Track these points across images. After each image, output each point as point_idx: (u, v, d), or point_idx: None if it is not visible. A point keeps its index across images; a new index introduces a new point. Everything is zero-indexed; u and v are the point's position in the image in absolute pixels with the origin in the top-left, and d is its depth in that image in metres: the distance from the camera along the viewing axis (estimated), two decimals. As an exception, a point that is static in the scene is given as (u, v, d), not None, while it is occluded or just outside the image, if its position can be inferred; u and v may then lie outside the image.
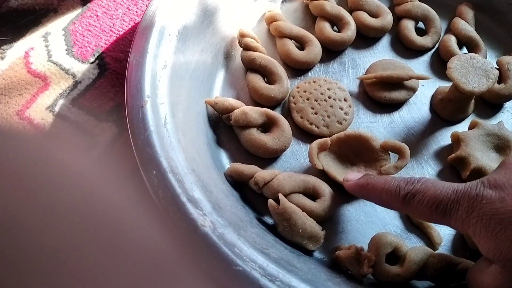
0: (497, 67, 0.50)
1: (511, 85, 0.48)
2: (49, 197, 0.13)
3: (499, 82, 0.49)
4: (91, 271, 0.12)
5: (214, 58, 0.48)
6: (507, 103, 0.49)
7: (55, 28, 0.53)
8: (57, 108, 0.49)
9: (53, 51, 0.53)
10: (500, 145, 0.45)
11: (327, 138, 0.43)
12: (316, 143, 0.42)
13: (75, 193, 0.14)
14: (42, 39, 0.53)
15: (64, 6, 0.55)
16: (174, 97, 0.41)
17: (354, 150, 0.44)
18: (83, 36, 0.54)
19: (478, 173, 0.43)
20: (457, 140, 0.45)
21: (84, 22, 0.54)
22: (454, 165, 0.45)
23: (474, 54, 0.46)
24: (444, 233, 0.42)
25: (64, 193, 0.13)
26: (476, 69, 0.44)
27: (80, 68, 0.51)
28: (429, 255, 0.38)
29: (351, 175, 0.40)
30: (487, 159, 0.44)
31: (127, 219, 0.15)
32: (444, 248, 0.42)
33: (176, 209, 0.34)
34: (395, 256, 0.39)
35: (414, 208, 0.34)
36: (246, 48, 0.48)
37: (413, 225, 0.42)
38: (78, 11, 0.55)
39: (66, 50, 0.53)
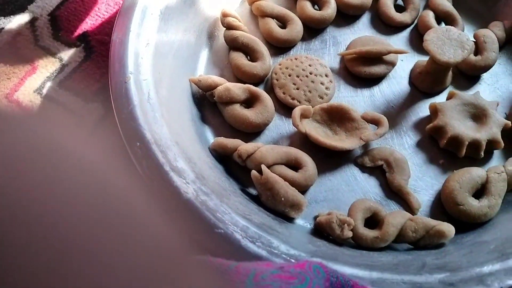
0: (474, 40, 0.51)
1: (487, 57, 0.49)
2: (41, 174, 0.13)
3: (475, 54, 0.50)
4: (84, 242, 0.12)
5: (198, 38, 0.49)
6: (484, 74, 0.51)
7: (42, 13, 0.54)
8: (44, 91, 0.50)
9: (40, 36, 0.54)
10: (476, 114, 0.46)
11: (310, 106, 0.45)
12: (299, 107, 0.44)
13: (67, 171, 0.14)
14: (29, 25, 0.54)
15: (50, -8, 0.56)
16: (157, 75, 0.42)
17: (336, 120, 0.45)
18: (69, 21, 0.54)
19: (455, 141, 0.45)
20: (434, 111, 0.46)
21: (69, 7, 0.55)
22: (432, 135, 0.46)
23: (450, 26, 0.47)
24: (422, 199, 0.43)
25: (55, 171, 0.14)
26: (451, 41, 0.45)
27: (66, 51, 0.52)
28: (407, 219, 0.39)
29: None
30: (464, 128, 0.45)
31: (117, 195, 0.15)
32: (422, 213, 0.43)
33: (159, 178, 0.35)
34: (375, 221, 0.41)
35: None
36: (229, 27, 0.49)
37: (392, 192, 0.43)
38: (63, -4, 0.56)
39: (53, 34, 0.54)
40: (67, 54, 0.52)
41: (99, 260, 0.12)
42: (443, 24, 0.53)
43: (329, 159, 0.45)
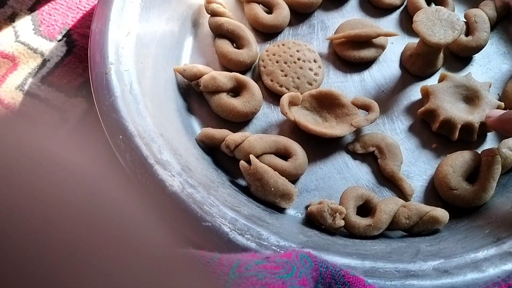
0: (465, 20, 0.50)
1: (478, 37, 0.48)
2: (23, 174, 0.13)
3: (466, 34, 0.49)
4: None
5: (182, 26, 0.48)
6: (476, 55, 0.50)
7: (22, 9, 0.53)
8: (26, 87, 0.49)
9: (20, 32, 0.52)
10: (469, 95, 0.45)
11: (299, 93, 0.43)
12: (287, 95, 0.43)
13: (49, 169, 0.14)
14: (8, 20, 0.53)
15: (29, -15, 0.55)
16: (140, 65, 0.41)
17: (326, 106, 0.44)
18: (50, 15, 0.53)
19: (448, 124, 0.44)
20: (426, 94, 0.45)
21: (50, 1, 0.54)
22: (424, 118, 0.45)
23: (439, 6, 0.46)
24: (415, 185, 0.42)
25: (38, 169, 0.13)
26: (442, 21, 0.44)
27: (48, 46, 0.51)
28: (399, 205, 0.39)
29: (493, 112, 0.41)
30: (456, 110, 0.44)
31: (100, 190, 0.14)
32: (415, 199, 0.42)
33: (144, 171, 0.34)
34: (367, 209, 0.40)
35: None
36: (213, 14, 0.48)
37: (385, 179, 0.42)
38: (43, -11, 0.54)
39: (34, 29, 0.52)
40: (48, 49, 0.51)
41: (88, 261, 0.12)
42: (433, 5, 0.52)
43: (320, 147, 0.44)
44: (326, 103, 0.44)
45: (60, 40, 0.51)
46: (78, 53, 0.51)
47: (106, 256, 0.12)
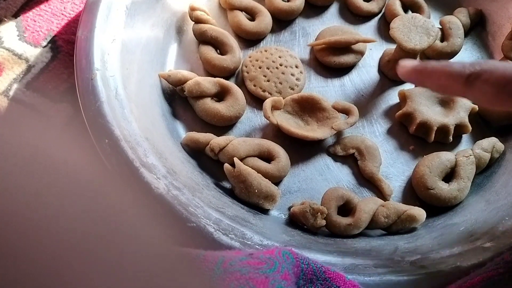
0: (440, 26, 0.52)
1: (453, 43, 0.50)
2: (18, 171, 0.13)
3: (442, 40, 0.51)
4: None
5: (166, 33, 0.49)
6: (451, 60, 0.52)
7: (6, 15, 0.53)
8: (11, 93, 0.49)
9: (5, 38, 0.52)
10: (444, 99, 0.47)
11: (281, 98, 0.45)
12: (270, 99, 0.44)
13: (44, 166, 0.14)
14: (-8, 26, 0.53)
15: (14, -8, 0.55)
16: (125, 71, 0.41)
17: (307, 110, 0.45)
18: (34, 21, 0.53)
19: (424, 126, 0.45)
20: (403, 98, 0.47)
21: (35, 8, 0.54)
22: (402, 121, 0.47)
23: (415, 14, 0.48)
24: (394, 185, 0.44)
25: (33, 167, 0.13)
26: (417, 28, 0.46)
27: (33, 52, 0.51)
28: (379, 205, 0.40)
29: (407, 62, 0.36)
30: (432, 113, 0.46)
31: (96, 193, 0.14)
32: (394, 199, 0.43)
33: (130, 174, 0.35)
34: (348, 209, 0.41)
35: (478, 89, 0.31)
36: (197, 21, 0.49)
37: (365, 180, 0.44)
38: (28, -4, 0.55)
39: (18, 35, 0.53)
40: (33, 55, 0.51)
41: (86, 262, 0.12)
42: (409, 12, 0.54)
43: (302, 150, 0.45)
44: (308, 107, 0.45)
45: (45, 46, 0.52)
46: (63, 59, 0.51)
47: (102, 252, 0.13)
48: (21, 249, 0.12)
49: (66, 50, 0.51)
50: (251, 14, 0.52)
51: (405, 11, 0.53)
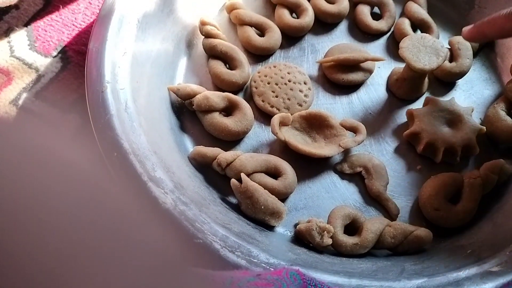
0: (449, 47, 0.52)
1: (462, 63, 0.50)
2: (28, 177, 0.13)
3: (450, 60, 0.51)
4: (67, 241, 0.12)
5: (176, 47, 0.49)
6: (459, 81, 0.52)
7: (17, 24, 0.54)
8: (20, 102, 0.49)
9: (16, 47, 0.53)
10: (452, 119, 0.47)
11: (289, 114, 0.45)
12: (278, 115, 0.44)
13: (55, 174, 0.14)
14: (4, 35, 0.53)
15: (26, 2, 0.56)
16: (135, 84, 0.42)
17: (315, 127, 0.45)
18: (45, 31, 0.54)
19: (432, 146, 0.45)
20: (411, 117, 0.47)
21: (46, 17, 0.55)
22: (409, 141, 0.47)
23: (425, 34, 0.48)
24: (401, 205, 0.44)
25: (42, 174, 0.14)
26: (426, 48, 0.46)
27: (43, 62, 0.52)
28: (385, 225, 0.40)
29: (467, 27, 0.45)
30: (440, 133, 0.46)
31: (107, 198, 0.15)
32: (401, 219, 0.43)
33: (137, 188, 0.35)
34: (354, 228, 0.41)
35: None
36: (207, 35, 0.49)
37: (372, 199, 0.44)
38: (39, 6, 0.55)
39: (29, 45, 0.53)
40: (43, 64, 0.51)
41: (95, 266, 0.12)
42: (418, 32, 0.54)
43: (309, 166, 0.45)
44: (316, 124, 0.46)
45: (55, 56, 0.52)
46: (73, 69, 0.51)
47: (106, 253, 0.13)
48: (28, 241, 0.12)
49: (76, 60, 0.52)
50: (261, 30, 0.52)
51: (414, 30, 0.54)
